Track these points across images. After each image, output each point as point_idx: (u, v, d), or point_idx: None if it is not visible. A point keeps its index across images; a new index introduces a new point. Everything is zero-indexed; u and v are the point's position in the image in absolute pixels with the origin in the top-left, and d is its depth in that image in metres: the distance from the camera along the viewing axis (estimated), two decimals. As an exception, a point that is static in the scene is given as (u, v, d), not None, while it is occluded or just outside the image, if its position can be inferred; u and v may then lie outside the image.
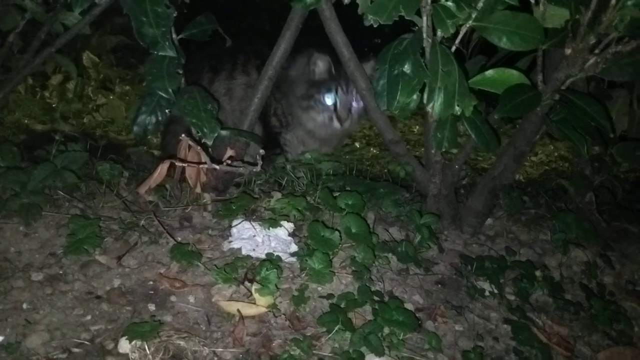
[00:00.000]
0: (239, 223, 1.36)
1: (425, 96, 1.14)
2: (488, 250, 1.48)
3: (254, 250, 1.31)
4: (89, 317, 1.06)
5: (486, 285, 1.29)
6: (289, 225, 1.37)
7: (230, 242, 1.33)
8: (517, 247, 1.53)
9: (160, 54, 1.04)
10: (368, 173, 1.81)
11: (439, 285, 1.31)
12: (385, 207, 1.55)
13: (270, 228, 1.34)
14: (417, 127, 3.09)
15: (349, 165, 1.71)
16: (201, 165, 1.26)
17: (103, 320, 1.05)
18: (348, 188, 1.52)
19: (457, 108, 1.14)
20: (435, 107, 1.14)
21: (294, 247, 1.33)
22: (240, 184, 1.63)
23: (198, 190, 1.36)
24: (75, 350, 0.97)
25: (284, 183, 1.64)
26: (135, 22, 1.01)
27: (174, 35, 1.20)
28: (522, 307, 1.23)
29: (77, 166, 1.34)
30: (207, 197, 1.48)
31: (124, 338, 0.97)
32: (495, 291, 1.27)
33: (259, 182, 1.62)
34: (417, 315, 1.14)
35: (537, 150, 2.79)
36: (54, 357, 0.95)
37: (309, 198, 1.48)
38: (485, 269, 1.32)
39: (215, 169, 1.33)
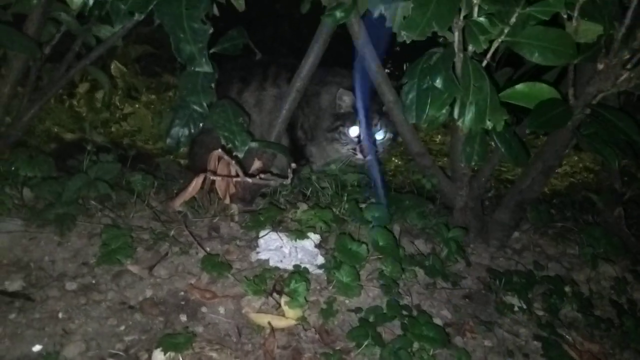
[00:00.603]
0: (266, 234, 1.37)
1: (456, 111, 1.15)
2: (515, 264, 1.47)
3: (281, 261, 1.32)
4: (122, 328, 1.08)
5: (515, 301, 1.28)
6: (315, 237, 1.38)
7: (258, 253, 1.34)
8: (545, 261, 1.52)
9: (197, 69, 1.06)
10: (392, 184, 1.82)
11: (467, 300, 1.31)
12: (410, 219, 1.55)
13: (297, 240, 1.35)
14: (440, 136, 3.08)
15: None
16: (234, 179, 1.28)
17: (136, 331, 1.07)
18: (373, 200, 1.52)
19: (488, 123, 1.14)
20: (466, 121, 1.14)
21: (320, 259, 1.34)
22: (266, 195, 1.65)
23: (227, 201, 1.38)
24: (111, 360, 0.99)
25: (308, 194, 1.65)
26: (174, 38, 1.04)
27: (206, 50, 1.22)
28: (551, 323, 1.22)
29: (110, 177, 1.36)
30: (235, 208, 1.50)
31: (158, 349, 0.98)
32: (524, 307, 1.26)
33: (284, 192, 1.64)
34: (445, 330, 1.14)
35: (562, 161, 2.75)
36: (91, 366, 0.97)
37: (334, 210, 1.49)
38: (513, 283, 1.31)
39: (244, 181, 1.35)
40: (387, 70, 1.57)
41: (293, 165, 1.24)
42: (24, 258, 1.28)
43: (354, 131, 1.66)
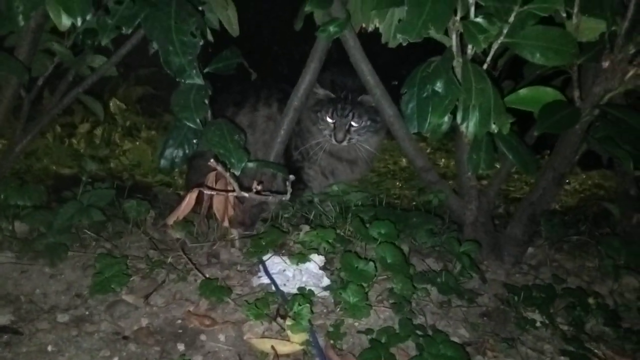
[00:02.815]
0: (269, 258, 1.31)
1: (459, 116, 1.10)
2: (533, 280, 1.39)
3: (284, 285, 1.25)
4: (116, 359, 1.00)
5: (536, 316, 1.20)
6: (319, 259, 1.31)
7: (260, 277, 1.27)
8: (564, 275, 1.44)
9: (187, 82, 1.03)
10: (397, 205, 1.76)
11: (485, 318, 1.22)
12: (419, 237, 1.48)
13: (299, 263, 1.28)
14: (443, 160, 3.03)
15: (377, 196, 1.65)
16: (230, 194, 1.22)
17: (130, 362, 0.99)
18: (379, 218, 1.46)
19: (493, 126, 1.09)
20: (470, 126, 1.09)
21: (326, 281, 1.27)
22: (267, 220, 1.59)
23: (225, 224, 1.32)
24: (102, 394, 0.91)
25: (311, 217, 1.59)
26: (162, 51, 1.01)
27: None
28: (578, 337, 1.13)
29: (104, 203, 1.31)
30: (235, 233, 1.44)
31: (152, 380, 0.90)
32: (547, 322, 1.17)
33: (286, 216, 1.58)
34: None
35: (569, 179, 2.69)
36: (79, 402, 0.89)
37: (338, 230, 1.43)
38: (533, 298, 1.23)
39: (242, 202, 1.29)
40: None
41: (291, 176, 1.19)
42: (14, 292, 1.22)
43: (328, 118, 1.72)
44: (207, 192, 1.18)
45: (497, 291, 1.32)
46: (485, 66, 1.14)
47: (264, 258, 1.31)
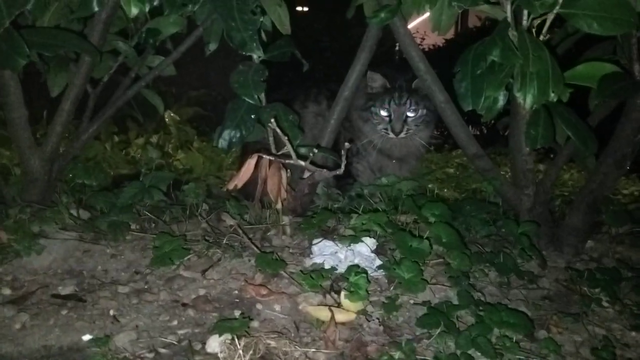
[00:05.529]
0: (320, 242, 1.31)
1: (516, 85, 1.09)
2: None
3: (337, 265, 1.24)
4: (175, 322, 1.02)
5: (602, 296, 1.14)
6: (371, 242, 1.30)
7: (312, 258, 1.28)
8: (628, 267, 1.37)
9: (248, 54, 1.07)
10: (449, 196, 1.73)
11: (547, 300, 1.17)
12: (473, 226, 1.45)
13: (352, 244, 1.27)
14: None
15: (427, 187, 1.64)
16: (283, 177, 1.25)
17: (190, 325, 1.01)
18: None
19: (552, 95, 1.07)
20: (527, 94, 1.08)
21: (378, 263, 1.25)
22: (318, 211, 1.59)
23: (278, 206, 1.33)
24: (163, 350, 0.93)
25: (361, 210, 1.59)
26: (226, 27, 1.07)
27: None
28: (650, 315, 1.06)
29: (164, 185, 1.36)
30: (286, 220, 1.45)
31: (212, 337, 0.92)
32: (614, 302, 1.12)
33: (336, 206, 1.58)
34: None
35: (626, 186, 2.58)
36: (142, 355, 0.91)
37: (390, 217, 1.41)
38: (597, 280, 1.18)
39: (294, 189, 1.31)
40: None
41: (347, 144, 1.20)
42: (77, 268, 1.27)
43: (384, 110, 1.69)
44: (266, 157, 1.20)
45: (558, 276, 1.27)
46: (541, 38, 1.14)
47: (315, 242, 1.31)
